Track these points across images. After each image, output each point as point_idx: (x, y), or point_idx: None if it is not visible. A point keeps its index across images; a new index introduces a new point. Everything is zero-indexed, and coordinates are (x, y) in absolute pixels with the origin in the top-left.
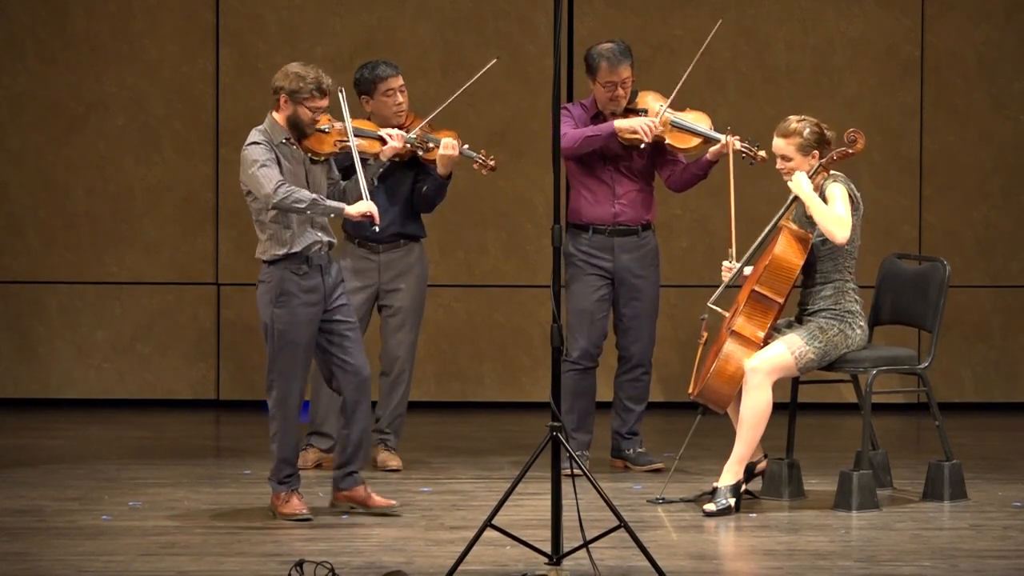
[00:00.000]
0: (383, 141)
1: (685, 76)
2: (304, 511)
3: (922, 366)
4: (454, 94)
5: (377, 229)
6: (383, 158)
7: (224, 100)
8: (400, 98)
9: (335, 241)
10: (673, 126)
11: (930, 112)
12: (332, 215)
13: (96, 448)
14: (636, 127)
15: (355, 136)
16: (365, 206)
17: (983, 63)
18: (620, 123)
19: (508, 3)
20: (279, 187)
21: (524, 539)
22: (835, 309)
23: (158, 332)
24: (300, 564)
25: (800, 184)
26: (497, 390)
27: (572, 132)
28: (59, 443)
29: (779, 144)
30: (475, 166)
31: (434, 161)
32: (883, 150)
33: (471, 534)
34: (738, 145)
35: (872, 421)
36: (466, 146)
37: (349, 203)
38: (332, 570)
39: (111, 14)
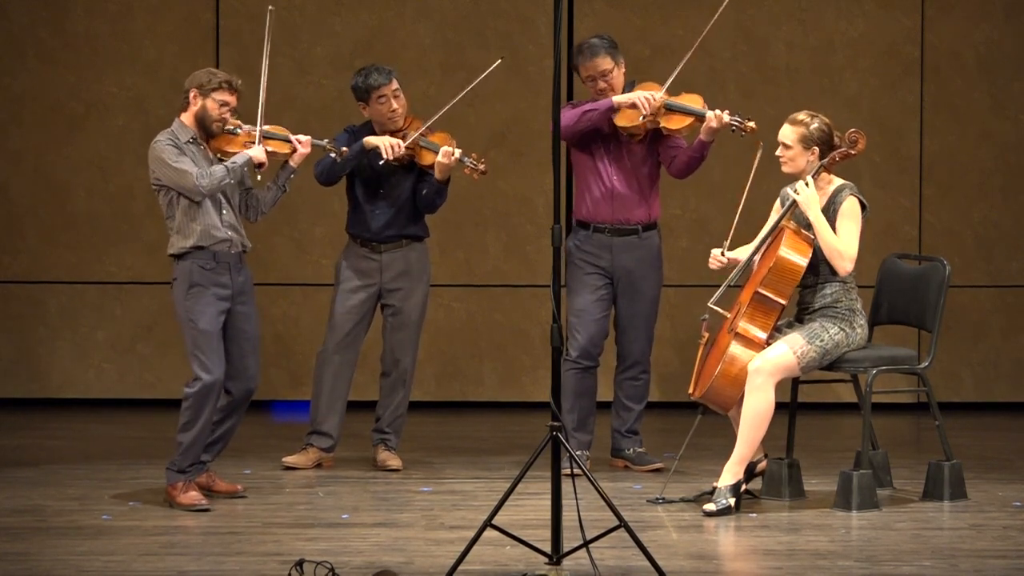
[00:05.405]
0: (294, 148)
1: (683, 62)
2: (203, 502)
3: (922, 366)
4: (454, 95)
5: (259, 177)
6: (293, 164)
7: None
8: (394, 104)
9: (249, 245)
10: (667, 109)
11: (930, 112)
12: (243, 165)
13: (96, 448)
14: (635, 99)
15: (265, 139)
16: (259, 149)
17: (983, 63)
18: (619, 97)
19: (508, 3)
20: (199, 179)
21: (524, 539)
22: (836, 308)
23: (158, 332)
24: (300, 564)
25: (811, 205)
26: (497, 390)
27: (570, 111)
28: (59, 443)
29: (784, 131)
30: (466, 171)
31: (431, 166)
32: (883, 150)
33: (471, 534)
34: (727, 118)
35: (872, 421)
36: (459, 151)
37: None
38: (332, 570)
39: (111, 14)
